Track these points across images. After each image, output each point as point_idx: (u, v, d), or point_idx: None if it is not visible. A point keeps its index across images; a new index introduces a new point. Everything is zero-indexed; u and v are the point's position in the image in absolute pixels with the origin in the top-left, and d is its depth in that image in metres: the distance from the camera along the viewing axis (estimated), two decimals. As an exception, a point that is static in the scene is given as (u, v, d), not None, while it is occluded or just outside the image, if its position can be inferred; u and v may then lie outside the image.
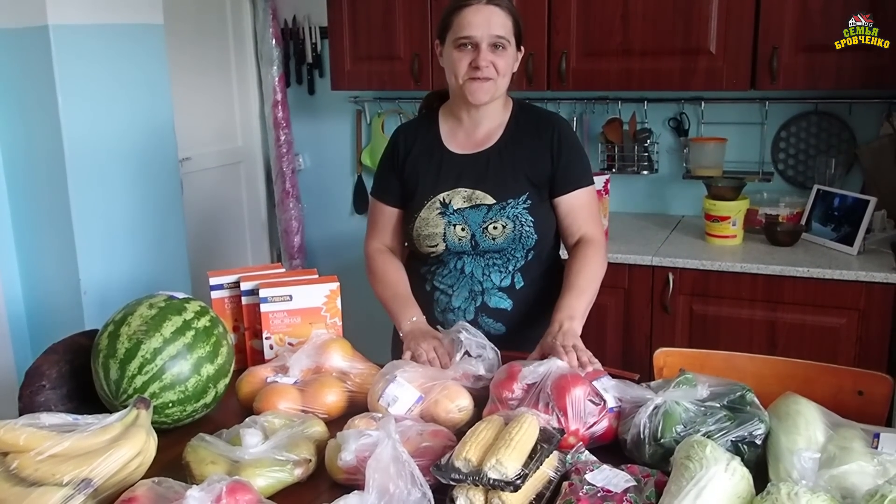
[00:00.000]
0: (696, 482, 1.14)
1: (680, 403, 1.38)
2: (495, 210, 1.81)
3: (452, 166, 1.86)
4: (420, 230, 1.85)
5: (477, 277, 1.86)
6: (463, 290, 1.87)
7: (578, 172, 1.87)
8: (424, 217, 1.85)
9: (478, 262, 1.86)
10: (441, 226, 1.83)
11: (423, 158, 1.89)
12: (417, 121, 2.00)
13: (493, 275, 1.86)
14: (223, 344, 1.55)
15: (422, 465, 1.25)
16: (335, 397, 1.55)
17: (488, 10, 1.73)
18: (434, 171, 1.87)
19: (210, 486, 1.16)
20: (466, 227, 1.82)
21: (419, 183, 1.88)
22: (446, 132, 1.90)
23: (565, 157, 1.84)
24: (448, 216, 1.83)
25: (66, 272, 2.64)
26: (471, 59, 1.74)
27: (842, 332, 2.44)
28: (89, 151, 2.64)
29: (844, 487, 1.18)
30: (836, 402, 1.43)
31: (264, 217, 3.96)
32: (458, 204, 1.83)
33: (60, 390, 1.52)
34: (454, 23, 1.75)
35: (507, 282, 1.87)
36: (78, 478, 1.19)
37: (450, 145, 1.89)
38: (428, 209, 1.85)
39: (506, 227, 1.81)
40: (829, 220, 2.69)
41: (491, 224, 1.81)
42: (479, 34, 1.73)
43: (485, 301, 1.87)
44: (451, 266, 1.87)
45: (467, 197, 1.83)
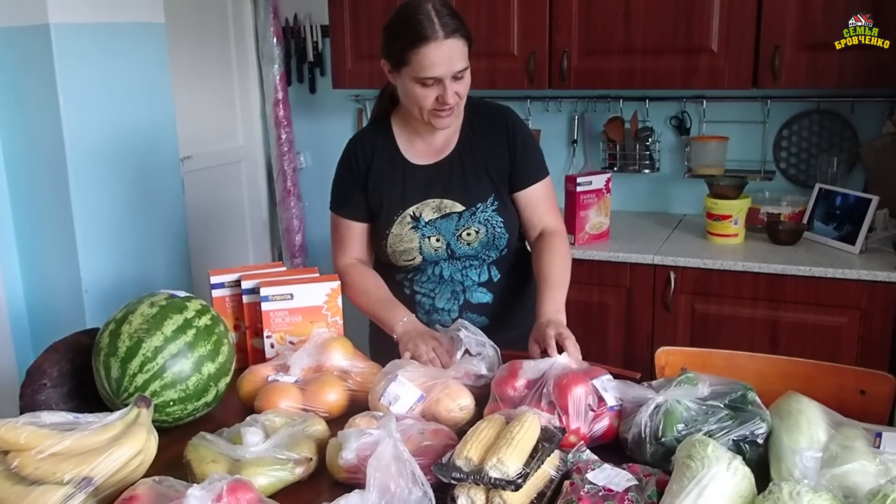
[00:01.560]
0: (697, 481, 1.14)
1: (681, 402, 1.37)
2: (466, 217, 1.81)
3: (417, 178, 1.84)
4: (394, 246, 1.84)
5: (457, 279, 1.88)
6: (445, 292, 1.88)
7: (535, 166, 1.86)
8: (397, 233, 1.83)
9: (455, 265, 1.87)
10: (416, 240, 1.82)
11: (384, 172, 1.84)
12: (371, 131, 1.92)
13: (472, 273, 1.88)
14: (224, 342, 1.55)
15: (423, 464, 1.25)
16: (336, 396, 1.54)
17: (448, 45, 1.64)
18: (399, 185, 1.84)
19: (211, 484, 1.15)
20: (441, 238, 1.82)
21: (385, 198, 1.84)
22: (403, 142, 1.86)
23: (521, 152, 1.84)
24: (421, 229, 1.82)
25: (67, 270, 2.64)
26: (436, 94, 1.68)
27: (844, 331, 2.44)
28: (90, 150, 2.64)
29: (846, 487, 1.17)
30: (839, 402, 1.43)
31: (265, 216, 3.96)
32: (428, 216, 1.82)
33: (61, 389, 1.52)
34: (412, 60, 1.65)
35: (484, 276, 1.89)
36: (79, 476, 1.19)
37: (409, 156, 1.85)
38: (399, 225, 1.83)
39: (479, 232, 1.82)
40: (830, 218, 2.69)
41: (464, 231, 1.81)
42: (442, 73, 1.65)
43: (467, 298, 1.89)
44: (430, 273, 1.88)
45: (436, 207, 1.82)
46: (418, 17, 1.64)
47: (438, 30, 1.63)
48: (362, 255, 1.93)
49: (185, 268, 3.05)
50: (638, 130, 3.08)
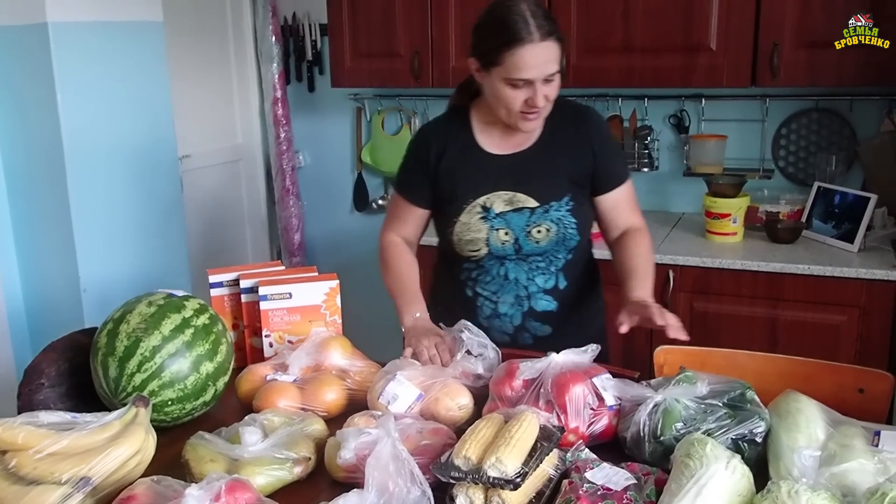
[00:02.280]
0: (696, 480, 1.14)
1: (680, 401, 1.37)
2: (538, 213, 1.77)
3: (491, 168, 1.79)
4: (461, 235, 1.80)
5: (522, 283, 1.82)
6: (508, 296, 1.83)
7: (618, 169, 1.84)
8: (465, 222, 1.79)
9: (521, 266, 1.81)
10: (484, 230, 1.78)
11: (458, 161, 1.81)
12: (446, 120, 1.89)
13: (538, 278, 1.82)
14: (222, 342, 1.55)
15: (421, 463, 1.25)
16: (335, 395, 1.54)
17: (543, 47, 1.61)
18: (472, 174, 1.80)
19: (209, 484, 1.15)
20: (510, 232, 1.77)
21: (457, 186, 1.80)
22: (480, 131, 1.82)
23: (605, 154, 1.81)
24: (490, 220, 1.77)
25: (65, 270, 2.64)
26: (526, 96, 1.65)
27: (842, 330, 2.44)
28: (89, 149, 2.64)
29: (845, 485, 1.17)
30: (837, 400, 1.43)
31: (264, 214, 3.96)
32: (499, 207, 1.77)
33: (59, 388, 1.52)
34: (505, 61, 1.62)
35: (550, 283, 1.83)
36: (77, 476, 1.19)
37: (486, 145, 1.81)
38: (468, 213, 1.78)
39: (549, 231, 1.77)
40: (829, 217, 2.69)
41: (535, 228, 1.77)
42: (534, 75, 1.62)
43: (531, 305, 1.84)
44: (494, 273, 1.83)
45: (508, 200, 1.77)
46: (513, 18, 1.61)
47: (534, 31, 1.60)
48: (411, 237, 1.94)
49: (183, 267, 3.05)
50: (637, 129, 3.08)
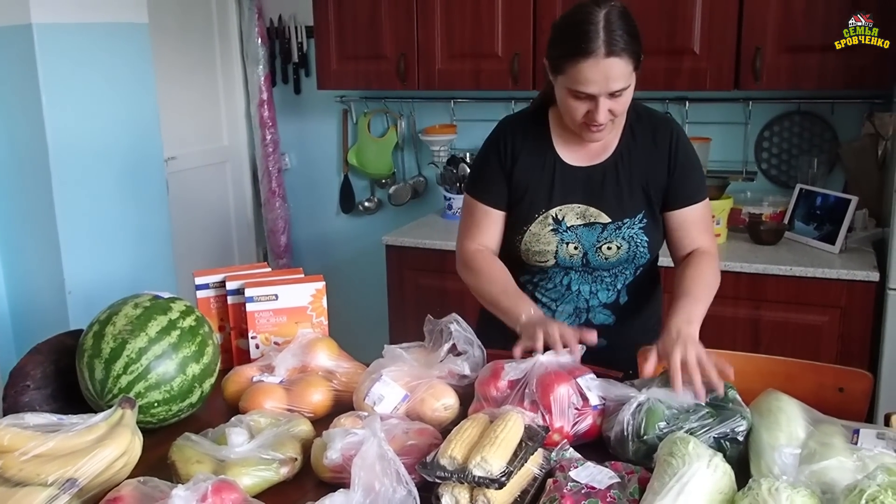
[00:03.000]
0: (678, 478, 1.15)
1: (663, 401, 1.39)
2: (610, 230, 1.71)
3: (567, 179, 1.72)
4: (530, 245, 1.74)
5: (584, 295, 1.78)
6: (568, 306, 1.79)
7: (694, 186, 1.72)
8: (535, 232, 1.73)
9: (585, 278, 1.77)
10: (553, 243, 1.72)
11: (534, 165, 1.73)
12: (527, 117, 1.79)
13: (601, 293, 1.78)
14: (209, 343, 1.55)
15: (407, 463, 1.26)
16: (321, 396, 1.55)
17: (608, 64, 1.50)
18: (547, 183, 1.72)
19: (196, 485, 1.16)
20: (579, 246, 1.72)
21: (529, 193, 1.73)
22: (558, 137, 1.73)
23: (681, 169, 1.70)
24: (561, 233, 1.72)
25: (50, 272, 2.63)
26: (587, 108, 1.57)
27: (824, 330, 2.47)
28: (74, 150, 2.63)
29: (824, 482, 1.19)
30: (818, 399, 1.45)
31: (251, 216, 3.96)
32: (571, 221, 1.71)
33: (45, 390, 1.52)
34: (568, 70, 1.54)
35: (612, 298, 1.79)
36: (63, 478, 1.19)
37: (563, 154, 1.73)
38: (539, 224, 1.72)
39: (620, 248, 1.71)
40: (811, 218, 2.72)
41: (605, 244, 1.71)
42: (596, 91, 1.53)
43: (589, 318, 1.79)
44: (557, 281, 1.78)
45: (581, 213, 1.71)
46: (585, 28, 1.51)
47: (601, 46, 1.49)
48: (492, 244, 1.79)
49: (169, 269, 3.04)
50: (621, 131, 3.09)
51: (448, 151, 3.40)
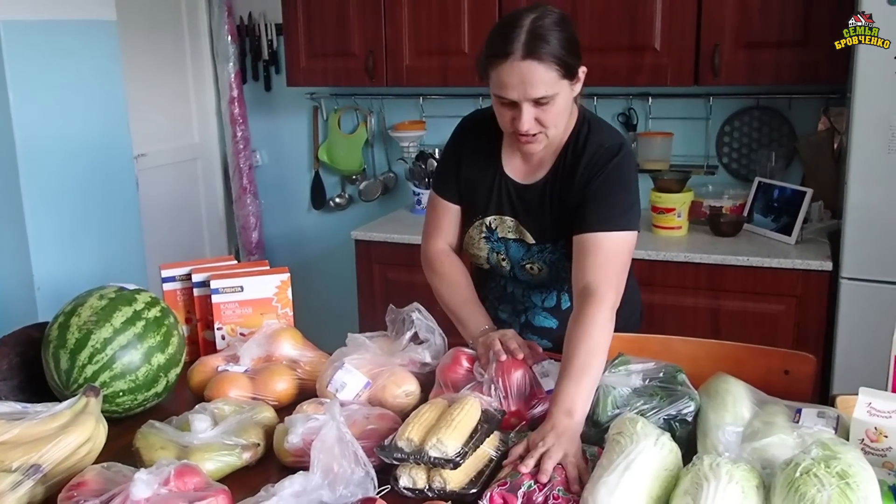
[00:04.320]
0: (626, 455, 1.20)
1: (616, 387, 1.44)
2: (533, 251, 1.71)
3: (503, 191, 1.71)
4: (467, 247, 1.79)
5: (518, 297, 1.81)
6: (507, 306, 1.83)
7: (603, 214, 1.57)
8: (472, 236, 1.77)
9: (518, 284, 1.80)
10: (485, 250, 1.76)
11: (480, 169, 1.73)
12: (486, 119, 1.71)
13: (535, 296, 1.79)
14: (174, 334, 1.58)
15: (367, 446, 1.30)
16: (285, 385, 1.58)
17: (525, 67, 1.45)
18: (486, 192, 1.72)
19: (159, 469, 1.19)
20: (506, 259, 1.74)
21: (472, 197, 1.75)
22: (506, 145, 1.71)
23: (594, 194, 1.59)
24: (492, 242, 1.74)
25: (19, 268, 2.63)
26: (512, 115, 1.53)
27: (780, 319, 2.54)
28: (42, 147, 2.64)
29: (765, 459, 1.24)
30: (765, 382, 1.50)
31: (222, 213, 3.97)
32: (503, 232, 1.73)
33: (11, 382, 1.54)
34: (490, 73, 1.51)
35: (550, 302, 1.79)
36: (27, 464, 1.21)
37: (506, 165, 1.71)
38: (476, 229, 1.76)
39: (542, 270, 1.72)
40: (769, 211, 2.79)
41: (528, 263, 1.72)
42: (516, 96, 1.49)
43: (528, 319, 1.81)
44: (497, 282, 1.83)
45: (513, 228, 1.72)
46: (508, 31, 1.48)
47: (519, 49, 1.45)
48: (453, 241, 1.81)
49: (140, 265, 3.05)
50: (587, 127, 3.15)
51: (417, 147, 3.44)
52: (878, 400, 1.28)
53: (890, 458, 1.24)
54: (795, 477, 1.10)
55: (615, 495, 1.13)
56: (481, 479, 1.28)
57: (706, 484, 1.11)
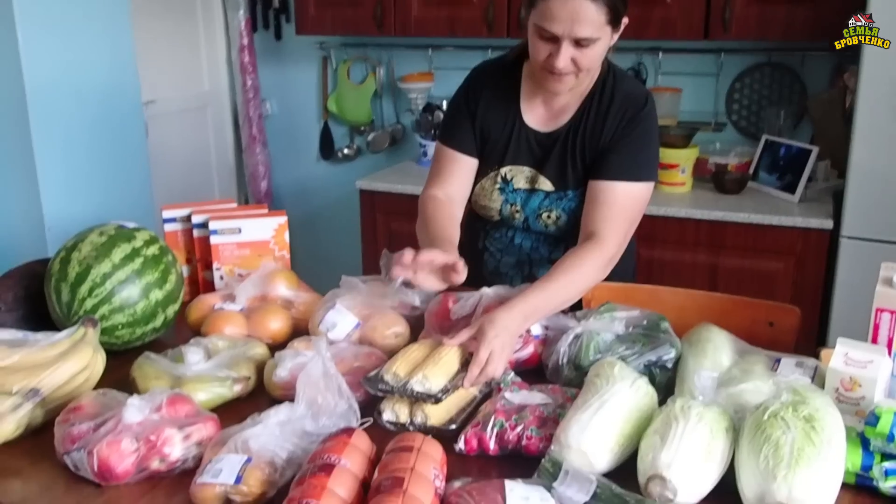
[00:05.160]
0: (600, 396, 1.23)
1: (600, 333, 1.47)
2: (552, 199, 1.69)
3: (521, 140, 1.69)
4: (478, 198, 1.75)
5: (525, 250, 1.79)
6: (511, 258, 1.81)
7: (624, 164, 1.59)
8: (484, 187, 1.73)
9: (528, 236, 1.77)
10: (498, 202, 1.73)
11: (497, 118, 1.70)
12: (500, 67, 1.74)
13: (542, 248, 1.77)
14: (172, 271, 1.62)
15: (354, 382, 1.34)
16: (279, 324, 1.62)
17: (578, 3, 1.44)
18: (504, 141, 1.70)
19: (151, 396, 1.24)
20: (521, 210, 1.72)
21: (487, 146, 1.72)
22: (526, 95, 1.70)
23: (618, 143, 1.61)
24: (507, 194, 1.72)
25: (29, 209, 2.69)
26: (549, 51, 1.51)
27: (778, 276, 2.55)
28: (51, 90, 2.66)
29: (739, 404, 1.26)
30: (749, 333, 1.52)
31: (232, 162, 4.00)
32: (519, 183, 1.71)
33: (17, 313, 1.59)
34: (538, 4, 1.49)
35: (557, 254, 1.73)
36: (26, 388, 1.27)
37: (525, 113, 1.69)
38: (489, 180, 1.73)
39: (559, 219, 1.70)
40: (774, 168, 2.79)
41: (545, 212, 1.70)
42: (560, 31, 1.47)
43: (532, 272, 1.79)
44: (503, 233, 1.80)
45: (530, 178, 1.70)
46: None
47: None
48: (457, 192, 1.72)
49: (150, 210, 3.10)
50: (595, 81, 3.14)
51: (425, 99, 3.45)
52: (855, 350, 1.31)
53: (863, 406, 1.27)
54: (763, 420, 1.13)
55: (586, 432, 1.17)
56: (461, 417, 1.32)
57: (675, 424, 1.15)
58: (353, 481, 1.05)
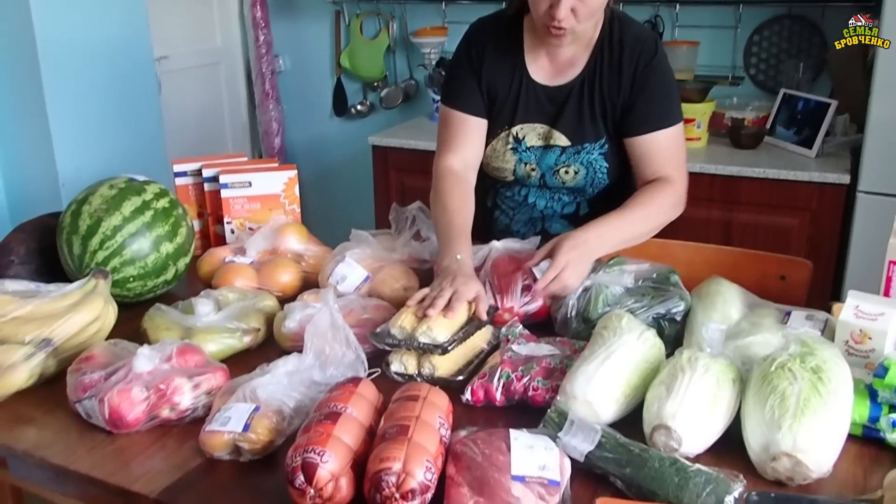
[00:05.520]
0: (607, 347, 1.23)
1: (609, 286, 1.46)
2: (569, 153, 1.65)
3: (531, 97, 1.64)
4: (490, 160, 1.70)
5: (539, 208, 1.75)
6: (523, 215, 1.77)
7: (657, 112, 1.60)
8: (496, 148, 1.68)
9: (543, 193, 1.73)
10: (512, 162, 1.68)
11: (502, 75, 1.64)
12: (500, 22, 1.68)
13: (556, 204, 1.74)
14: (182, 224, 1.63)
15: (362, 334, 1.35)
16: (289, 276, 1.63)
17: None
18: (513, 100, 1.65)
19: (161, 346, 1.26)
20: (537, 168, 1.68)
21: (495, 105, 1.66)
22: (529, 49, 1.65)
23: (645, 93, 1.59)
24: (520, 153, 1.67)
25: (44, 165, 2.70)
26: (548, 4, 1.47)
27: (793, 232, 2.53)
28: (62, 45, 2.66)
29: (747, 356, 1.26)
30: (760, 287, 1.52)
31: (245, 119, 3.99)
32: (531, 141, 1.66)
33: (30, 266, 1.60)
34: None
35: (570, 209, 1.74)
36: (39, 338, 1.29)
37: (531, 68, 1.64)
38: (501, 141, 1.67)
39: (578, 173, 1.66)
40: (792, 123, 2.74)
41: (563, 168, 1.66)
42: None
43: (545, 228, 1.76)
44: (516, 191, 1.75)
45: (543, 135, 1.65)
46: None
47: None
48: (471, 157, 1.67)
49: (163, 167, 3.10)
50: (610, 34, 3.08)
51: (438, 54, 3.41)
52: (866, 303, 1.30)
53: (872, 359, 1.26)
54: (770, 371, 1.13)
55: (592, 383, 1.17)
56: (469, 369, 1.33)
57: (681, 374, 1.15)
58: (359, 429, 1.06)
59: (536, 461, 1.01)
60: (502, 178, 1.73)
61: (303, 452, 0.98)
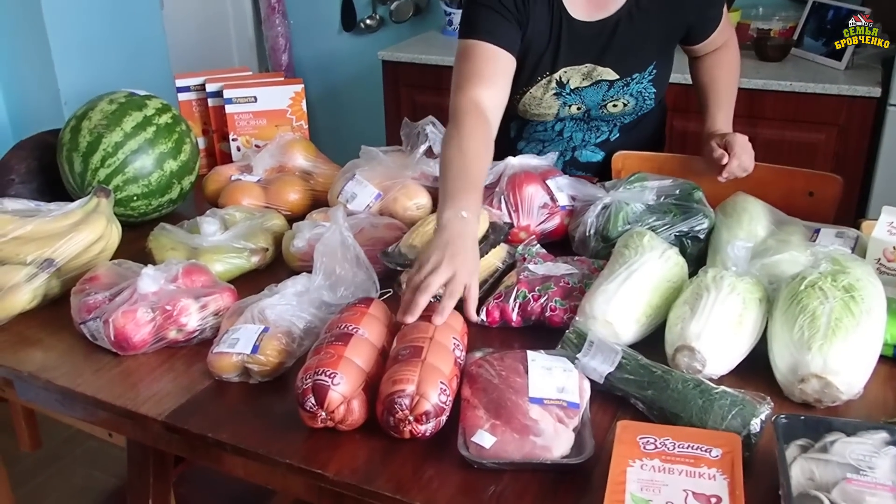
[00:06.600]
0: (628, 266, 1.18)
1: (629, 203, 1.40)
2: (617, 87, 1.58)
3: (573, 38, 1.53)
4: (529, 107, 1.61)
5: (574, 142, 1.70)
6: (556, 147, 1.70)
7: (716, 12, 1.60)
8: (536, 95, 1.58)
9: (580, 126, 1.68)
10: (555, 106, 1.60)
11: (542, 20, 1.50)
12: None
13: (593, 135, 1.70)
14: (186, 141, 1.57)
15: (373, 253, 1.31)
16: (297, 195, 1.58)
17: None
18: (554, 44, 1.53)
19: (167, 266, 1.22)
20: (582, 106, 1.61)
21: (532, 50, 1.52)
22: None
23: (703, 6, 1.57)
24: (564, 97, 1.59)
25: (45, 83, 2.64)
26: None
27: (819, 147, 2.44)
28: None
29: (774, 275, 1.21)
30: (787, 203, 1.46)
31: (251, 34, 3.87)
32: (576, 82, 1.57)
33: (31, 185, 1.56)
34: None
35: (602, 137, 1.70)
36: (40, 258, 1.25)
37: (571, 7, 1.51)
38: (542, 87, 1.57)
39: (627, 105, 1.61)
40: (821, 34, 2.61)
41: (611, 102, 1.61)
42: None
43: (575, 156, 1.72)
44: (550, 127, 1.68)
45: (587, 73, 1.56)
46: None
47: None
48: (498, 98, 1.44)
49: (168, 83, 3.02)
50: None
51: (450, -37, 3.26)
52: (901, 220, 1.24)
53: (905, 278, 1.21)
54: (800, 290, 1.08)
55: (612, 303, 1.13)
56: (484, 289, 1.29)
57: (706, 294, 1.10)
58: (371, 350, 1.03)
59: (555, 383, 0.98)
60: (542, 120, 1.66)
61: (313, 374, 0.95)
